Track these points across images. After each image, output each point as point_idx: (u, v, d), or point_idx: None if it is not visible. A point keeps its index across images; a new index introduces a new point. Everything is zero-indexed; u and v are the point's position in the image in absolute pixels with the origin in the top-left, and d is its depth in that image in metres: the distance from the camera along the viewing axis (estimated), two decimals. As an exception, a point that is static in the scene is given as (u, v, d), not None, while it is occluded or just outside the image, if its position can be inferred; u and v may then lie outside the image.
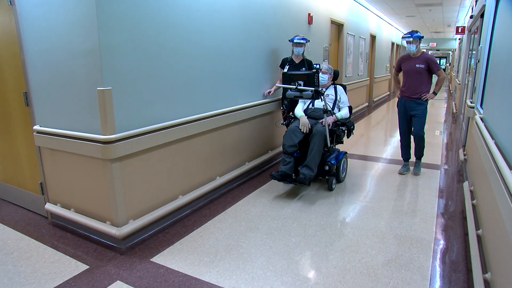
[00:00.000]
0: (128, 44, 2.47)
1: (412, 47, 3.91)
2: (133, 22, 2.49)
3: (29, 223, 3.01)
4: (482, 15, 4.71)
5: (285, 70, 4.18)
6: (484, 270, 2.06)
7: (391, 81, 14.03)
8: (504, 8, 2.89)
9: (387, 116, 8.91)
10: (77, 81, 2.46)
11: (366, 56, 9.40)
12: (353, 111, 8.31)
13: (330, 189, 3.64)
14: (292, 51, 4.22)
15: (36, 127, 2.82)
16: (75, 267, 2.37)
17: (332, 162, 3.60)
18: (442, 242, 2.67)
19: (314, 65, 4.03)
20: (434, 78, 4.09)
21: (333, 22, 6.58)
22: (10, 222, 3.04)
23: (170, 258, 2.47)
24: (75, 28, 2.36)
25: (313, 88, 3.28)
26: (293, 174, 3.54)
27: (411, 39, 3.88)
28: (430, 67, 3.92)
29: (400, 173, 4.21)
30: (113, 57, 2.37)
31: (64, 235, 2.81)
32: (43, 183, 3.00)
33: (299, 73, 3.37)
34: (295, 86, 3.35)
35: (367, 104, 9.97)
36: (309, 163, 3.39)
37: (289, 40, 4.24)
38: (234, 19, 3.61)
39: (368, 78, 9.75)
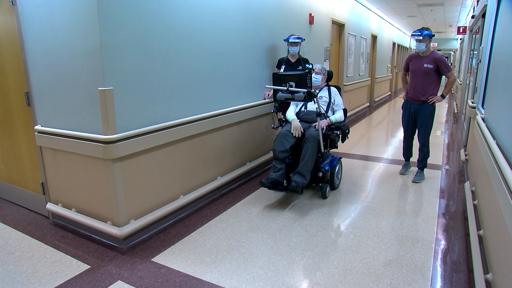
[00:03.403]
0: (130, 44, 2.47)
1: (422, 46, 3.68)
2: (135, 22, 2.49)
3: (30, 223, 3.02)
4: (483, 15, 4.70)
5: (282, 70, 4.18)
6: (486, 270, 2.06)
7: (392, 81, 14.02)
8: (505, 8, 2.89)
9: (388, 116, 8.90)
10: (79, 81, 2.47)
11: (367, 56, 9.39)
12: (355, 111, 8.36)
13: (324, 197, 3.44)
14: (288, 51, 4.21)
15: (38, 127, 2.82)
16: (76, 267, 2.37)
17: (326, 168, 3.40)
18: (443, 242, 2.67)
19: (307, 65, 3.97)
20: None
21: (334, 22, 6.58)
22: (11, 221, 3.05)
23: (171, 258, 2.47)
24: (77, 28, 2.36)
25: (305, 90, 3.06)
26: (285, 181, 3.36)
27: (420, 38, 3.63)
28: (439, 67, 3.68)
29: (401, 174, 4.19)
30: (115, 57, 2.38)
31: (65, 235, 2.81)
32: (44, 183, 3.01)
33: (290, 74, 3.17)
34: (286, 88, 3.13)
35: (368, 104, 9.96)
36: (301, 169, 3.19)
37: (284, 40, 4.22)
38: (236, 19, 3.61)
39: (369, 78, 9.75)
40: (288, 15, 4.71)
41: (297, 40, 4.09)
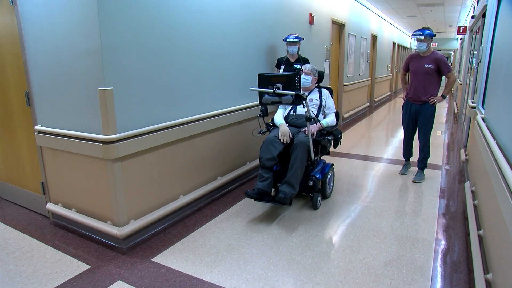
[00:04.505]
0: (130, 44, 2.47)
1: (423, 46, 3.65)
2: (135, 22, 2.49)
3: (30, 223, 3.02)
4: (483, 15, 4.70)
5: (281, 70, 4.14)
6: (486, 270, 2.06)
7: (392, 81, 14.01)
8: (505, 8, 2.89)
9: (388, 116, 8.90)
10: (79, 81, 2.47)
11: (367, 56, 9.39)
12: (355, 111, 8.36)
13: (315, 207, 3.19)
14: (287, 51, 4.19)
15: (38, 127, 2.82)
16: (76, 267, 2.37)
17: (317, 176, 3.15)
18: (443, 242, 2.67)
19: (295, 65, 3.90)
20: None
21: (334, 22, 6.58)
22: (11, 221, 3.05)
23: (171, 258, 2.47)
24: (77, 28, 2.36)
25: (293, 92, 2.81)
26: (274, 189, 3.15)
27: (422, 37, 3.59)
28: (439, 68, 3.66)
29: (401, 174, 4.18)
30: (115, 57, 2.38)
31: (66, 235, 2.81)
32: (45, 183, 3.01)
33: (277, 75, 2.96)
34: (272, 90, 2.87)
35: (368, 104, 9.96)
36: (290, 179, 2.94)
37: (283, 40, 4.20)
38: (236, 18, 3.61)
39: (369, 78, 9.75)
40: (288, 15, 4.71)
41: (295, 40, 4.06)
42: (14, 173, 3.35)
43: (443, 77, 3.84)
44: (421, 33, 3.60)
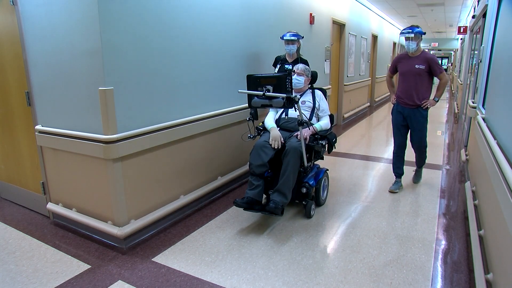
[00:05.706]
0: (130, 44, 2.47)
1: (412, 45, 3.36)
2: (135, 22, 2.49)
3: (31, 223, 3.02)
4: (484, 15, 4.70)
5: (276, 69, 3.92)
6: (486, 270, 2.06)
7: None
8: (506, 8, 2.89)
9: (389, 116, 8.85)
10: (79, 81, 2.47)
11: (368, 56, 9.39)
12: (355, 111, 8.36)
13: (309, 216, 3.02)
14: (285, 50, 3.89)
15: (38, 127, 2.82)
16: (76, 266, 2.38)
17: (311, 183, 2.98)
18: (443, 242, 2.67)
19: (286, 66, 3.78)
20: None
21: (334, 22, 6.58)
22: (12, 221, 3.05)
23: (172, 258, 2.47)
24: (77, 28, 2.36)
25: (284, 95, 2.65)
26: (265, 195, 3.05)
27: (412, 35, 3.31)
28: (431, 68, 3.38)
29: (391, 191, 3.63)
30: (115, 57, 2.38)
31: (66, 234, 2.82)
32: (45, 182, 3.01)
33: (267, 76, 2.77)
34: (262, 92, 2.71)
35: (368, 104, 9.96)
36: (281, 187, 2.78)
37: (280, 38, 3.92)
38: (237, 19, 3.61)
39: (369, 78, 9.75)
40: (288, 15, 4.71)
41: (293, 38, 3.69)
42: (14, 173, 3.35)
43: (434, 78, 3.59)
44: (410, 30, 3.32)
